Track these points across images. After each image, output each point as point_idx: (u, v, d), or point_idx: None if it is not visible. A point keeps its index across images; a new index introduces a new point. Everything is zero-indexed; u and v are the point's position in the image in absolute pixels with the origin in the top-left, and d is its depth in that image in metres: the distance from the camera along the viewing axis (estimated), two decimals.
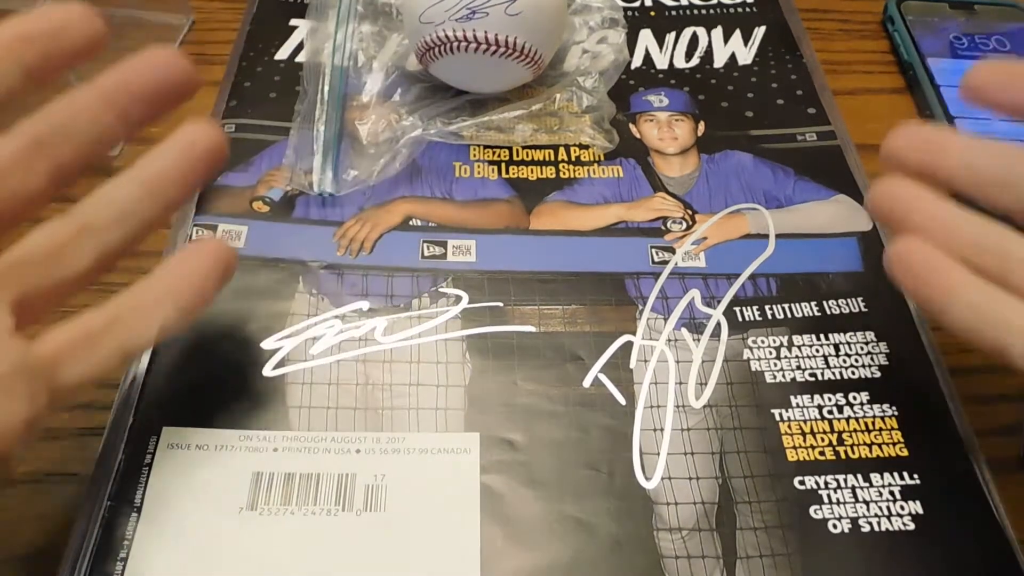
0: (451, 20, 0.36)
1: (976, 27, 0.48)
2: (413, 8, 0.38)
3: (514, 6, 0.36)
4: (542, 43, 0.38)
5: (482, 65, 0.38)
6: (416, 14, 0.38)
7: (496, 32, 0.36)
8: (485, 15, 0.36)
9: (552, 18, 0.39)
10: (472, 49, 0.37)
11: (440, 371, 0.33)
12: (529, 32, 0.37)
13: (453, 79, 0.41)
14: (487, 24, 0.36)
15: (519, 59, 0.38)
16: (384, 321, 0.34)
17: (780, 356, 0.34)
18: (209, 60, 0.47)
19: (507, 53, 0.37)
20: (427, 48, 0.38)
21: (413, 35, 0.39)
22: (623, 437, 0.31)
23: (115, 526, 0.28)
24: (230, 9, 0.50)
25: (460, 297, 0.35)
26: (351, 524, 0.28)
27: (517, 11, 0.36)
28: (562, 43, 0.43)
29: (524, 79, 0.40)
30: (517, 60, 0.38)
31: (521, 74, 0.39)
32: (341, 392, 0.32)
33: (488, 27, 0.36)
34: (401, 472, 0.30)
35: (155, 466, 0.29)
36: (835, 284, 0.36)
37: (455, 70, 0.40)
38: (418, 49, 0.39)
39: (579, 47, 0.45)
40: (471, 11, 0.36)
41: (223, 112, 0.43)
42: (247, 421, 0.31)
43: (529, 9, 0.36)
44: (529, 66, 0.39)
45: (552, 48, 0.40)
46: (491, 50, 0.37)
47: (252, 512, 0.28)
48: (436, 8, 0.37)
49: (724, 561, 0.28)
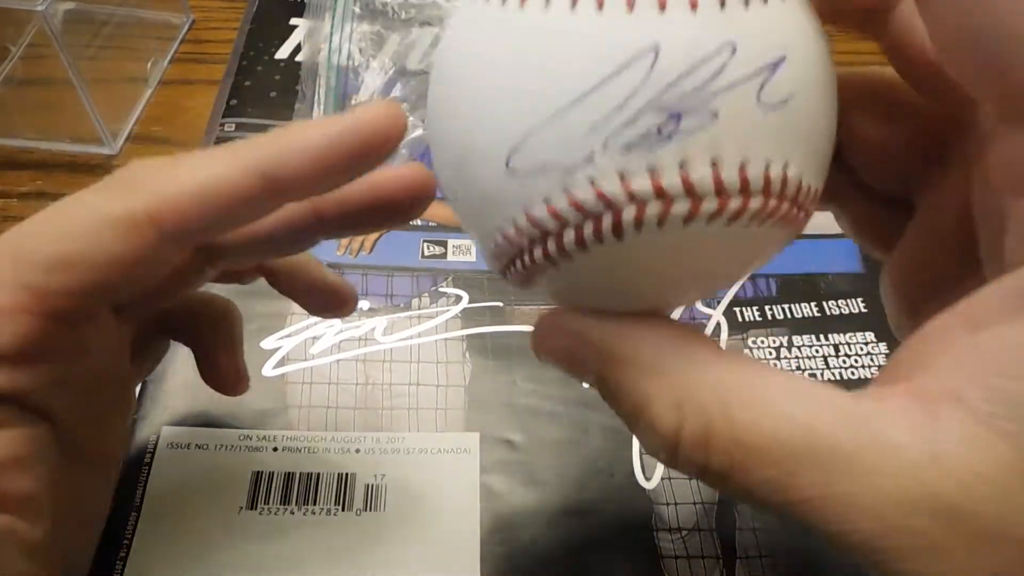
0: (611, 153, 0.14)
1: None
2: (479, 144, 0.15)
3: (776, 82, 0.14)
4: (819, 163, 0.16)
5: (691, 249, 0.15)
6: (494, 157, 0.15)
7: (738, 160, 0.14)
8: (709, 118, 0.14)
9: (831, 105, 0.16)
10: (681, 218, 0.14)
11: (440, 371, 0.33)
12: (803, 143, 0.15)
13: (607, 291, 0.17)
14: (714, 142, 0.14)
15: (782, 217, 0.15)
16: (384, 321, 0.34)
17: (780, 356, 0.34)
18: (209, 60, 0.47)
19: (764, 211, 0.15)
20: (532, 242, 0.15)
21: (493, 212, 0.16)
22: (623, 437, 0.31)
23: (115, 526, 0.28)
24: (230, 9, 0.50)
25: (460, 297, 0.35)
26: (351, 524, 0.28)
27: (784, 95, 0.14)
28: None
29: (772, 253, 0.17)
30: (777, 220, 0.15)
31: (773, 243, 0.17)
32: (341, 392, 0.32)
33: (718, 150, 0.14)
34: (401, 472, 0.30)
35: (155, 466, 0.29)
36: (835, 285, 0.36)
37: (616, 272, 0.16)
38: (502, 247, 0.16)
39: None
40: (671, 115, 0.14)
41: (223, 112, 0.43)
42: (247, 421, 0.31)
43: (805, 87, 0.15)
44: (794, 225, 0.16)
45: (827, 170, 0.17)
46: (728, 211, 0.14)
47: (252, 512, 0.28)
48: (559, 129, 0.14)
49: (724, 561, 0.28)
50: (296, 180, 0.19)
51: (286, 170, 0.19)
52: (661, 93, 0.13)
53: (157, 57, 0.47)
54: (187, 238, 0.20)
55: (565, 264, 0.15)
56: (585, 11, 0.14)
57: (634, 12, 0.13)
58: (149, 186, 0.19)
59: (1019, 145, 0.14)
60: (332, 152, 0.19)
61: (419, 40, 0.46)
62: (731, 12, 0.14)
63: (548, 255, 0.15)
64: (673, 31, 0.13)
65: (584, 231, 0.14)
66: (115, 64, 0.46)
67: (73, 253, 0.19)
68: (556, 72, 0.14)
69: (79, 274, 0.19)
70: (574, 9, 0.14)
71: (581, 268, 0.15)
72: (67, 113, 0.41)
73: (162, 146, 0.43)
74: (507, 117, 0.14)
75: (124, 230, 0.19)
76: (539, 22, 0.14)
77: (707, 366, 0.16)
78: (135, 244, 0.19)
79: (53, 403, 0.20)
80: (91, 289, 0.19)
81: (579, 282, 0.16)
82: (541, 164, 0.14)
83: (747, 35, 0.14)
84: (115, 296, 0.20)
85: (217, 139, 0.41)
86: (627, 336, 0.17)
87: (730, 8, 0.14)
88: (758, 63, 0.14)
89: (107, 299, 0.20)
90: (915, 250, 0.20)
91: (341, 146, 0.19)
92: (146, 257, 0.19)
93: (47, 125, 0.42)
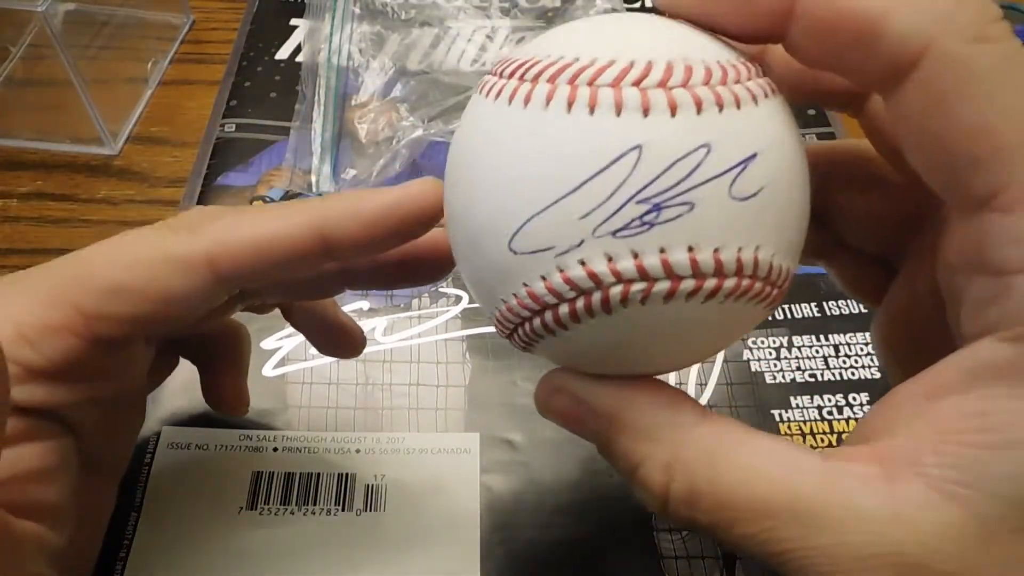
0: (599, 238, 0.15)
1: None
2: (487, 226, 0.17)
3: (747, 178, 0.16)
4: (790, 246, 0.17)
5: (673, 323, 0.17)
6: (499, 238, 0.16)
7: (712, 246, 0.16)
8: (686, 209, 0.15)
9: (802, 195, 0.17)
10: (660, 297, 0.16)
11: (440, 371, 0.33)
12: (773, 230, 0.17)
13: (600, 358, 0.18)
14: (690, 230, 0.15)
15: (755, 295, 0.17)
16: (384, 321, 0.34)
17: (780, 357, 0.34)
18: (209, 60, 0.47)
19: (738, 290, 0.16)
20: (532, 312, 0.17)
21: (498, 285, 0.17)
22: None
23: (115, 526, 0.28)
24: (230, 9, 0.50)
25: (460, 297, 0.35)
26: (351, 524, 0.28)
27: (754, 188, 0.16)
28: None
29: (750, 325, 0.19)
30: (751, 298, 0.17)
31: (750, 317, 0.18)
32: (341, 392, 0.32)
33: (694, 237, 0.16)
34: (401, 472, 0.30)
35: (155, 466, 0.29)
36: (835, 285, 0.36)
37: (606, 341, 0.17)
38: (506, 315, 0.18)
39: None
40: (653, 206, 0.15)
41: (223, 112, 0.43)
42: (247, 421, 0.31)
43: (775, 180, 0.16)
44: (768, 301, 0.17)
45: (799, 251, 0.18)
46: (704, 290, 0.16)
47: (252, 512, 0.28)
48: (555, 216, 0.16)
49: (724, 561, 0.28)
50: (348, 242, 0.20)
51: (340, 232, 0.20)
52: (643, 187, 0.15)
53: (157, 58, 0.47)
54: (238, 284, 0.21)
55: (561, 334, 0.17)
56: (578, 114, 0.15)
57: (621, 116, 0.15)
58: (211, 231, 0.20)
59: (968, 231, 0.15)
60: (383, 220, 0.20)
61: (419, 40, 0.46)
62: (707, 116, 0.15)
63: (546, 325, 0.17)
64: (655, 133, 0.15)
65: (577, 305, 0.16)
66: (115, 64, 0.46)
67: (129, 283, 0.20)
68: (553, 167, 0.16)
69: (131, 305, 0.20)
70: (569, 112, 0.15)
71: (576, 338, 0.17)
72: (67, 113, 0.41)
73: (162, 146, 0.43)
74: (510, 204, 0.16)
75: (182, 269, 0.20)
76: (539, 121, 0.16)
77: (695, 429, 0.17)
78: (189, 284, 0.20)
79: (81, 418, 0.21)
80: (139, 320, 0.20)
81: (575, 350, 0.18)
82: (539, 246, 0.16)
83: (720, 136, 0.15)
84: (157, 329, 0.21)
85: (217, 139, 0.41)
86: (623, 402, 0.18)
87: (706, 113, 0.15)
88: (730, 161, 0.15)
89: (150, 331, 0.21)
90: (898, 309, 0.21)
91: (392, 216, 0.20)
92: (197, 297, 0.20)
93: (47, 125, 0.42)
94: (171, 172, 0.41)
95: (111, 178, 0.41)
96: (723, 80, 0.16)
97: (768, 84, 0.17)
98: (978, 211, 0.15)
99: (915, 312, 0.20)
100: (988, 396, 0.15)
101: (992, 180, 0.14)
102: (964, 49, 0.14)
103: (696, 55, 0.16)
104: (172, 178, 0.41)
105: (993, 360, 0.15)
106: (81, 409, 0.21)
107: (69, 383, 0.20)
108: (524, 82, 0.16)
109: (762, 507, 0.16)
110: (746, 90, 0.16)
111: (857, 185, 0.21)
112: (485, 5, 0.49)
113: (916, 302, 0.20)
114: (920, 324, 0.19)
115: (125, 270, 0.20)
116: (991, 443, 0.14)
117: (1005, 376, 0.14)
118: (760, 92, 0.16)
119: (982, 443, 0.14)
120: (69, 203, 0.40)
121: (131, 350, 0.21)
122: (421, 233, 0.21)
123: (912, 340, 0.20)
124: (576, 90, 0.15)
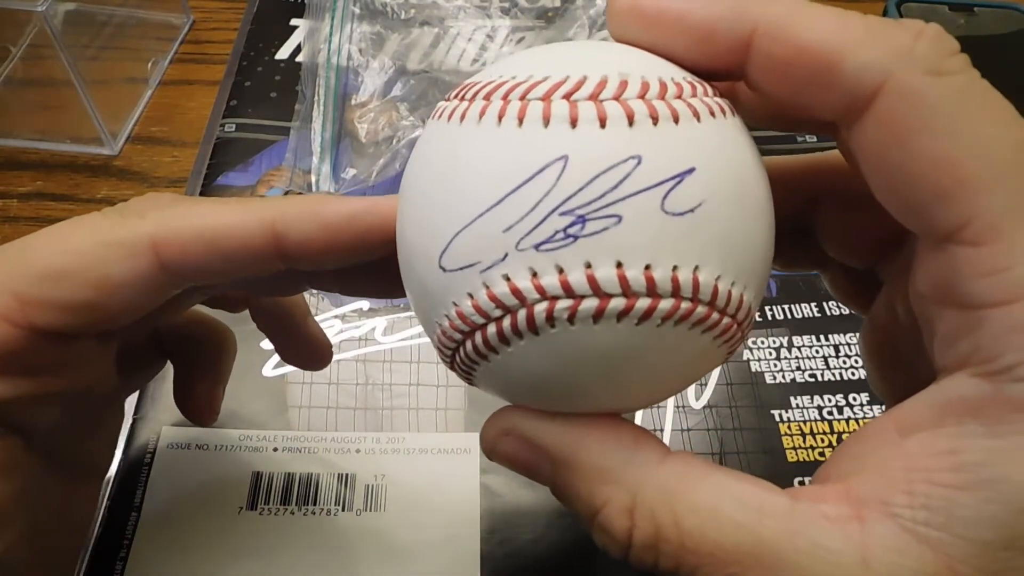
0: (523, 252, 0.15)
1: (976, 29, 0.48)
2: (421, 245, 0.17)
3: (683, 192, 0.15)
4: (741, 270, 0.16)
5: (610, 348, 0.15)
6: (431, 256, 0.16)
7: (643, 262, 0.15)
8: (612, 222, 0.15)
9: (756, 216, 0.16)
10: (589, 316, 0.15)
11: (440, 371, 0.33)
12: (716, 248, 0.15)
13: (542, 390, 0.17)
14: (618, 244, 0.15)
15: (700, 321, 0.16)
16: (384, 321, 0.34)
17: (780, 357, 0.34)
18: (209, 60, 0.47)
19: (675, 313, 0.15)
20: (463, 334, 0.16)
21: (433, 305, 0.17)
22: None
23: (115, 526, 0.28)
24: (230, 9, 0.50)
25: None
26: (351, 524, 0.28)
27: (691, 204, 0.15)
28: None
29: (706, 362, 0.17)
30: (695, 324, 0.16)
31: (701, 350, 0.16)
32: (341, 392, 0.32)
33: (622, 252, 0.15)
34: (401, 472, 0.30)
35: (155, 466, 0.29)
36: None
37: (542, 369, 0.16)
38: (443, 339, 0.17)
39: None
40: (577, 218, 0.14)
41: (223, 112, 0.43)
42: (247, 421, 0.31)
43: (717, 196, 0.15)
44: (720, 332, 0.16)
45: (764, 283, 0.17)
46: (637, 310, 0.15)
47: (252, 512, 0.28)
48: (480, 229, 0.15)
49: None
50: (304, 244, 0.19)
51: (297, 233, 0.19)
52: (567, 198, 0.14)
53: (157, 57, 0.47)
54: (186, 275, 0.20)
55: (494, 359, 0.16)
56: (508, 127, 0.15)
57: (549, 128, 0.15)
58: (159, 217, 0.19)
59: (937, 262, 0.15)
60: (345, 227, 0.19)
61: (419, 40, 0.46)
62: (638, 129, 0.15)
63: (477, 349, 0.16)
64: (581, 144, 0.15)
65: (503, 324, 0.15)
66: (115, 64, 0.46)
67: (66, 267, 0.19)
68: (480, 180, 0.15)
69: (69, 290, 0.19)
70: (500, 125, 0.15)
71: (510, 363, 0.16)
72: (67, 113, 0.41)
73: (162, 146, 0.43)
74: (439, 221, 0.16)
75: (124, 254, 0.19)
76: (470, 136, 0.16)
77: (656, 469, 0.16)
78: (131, 269, 0.19)
79: (30, 417, 0.20)
80: (79, 307, 0.19)
81: (514, 379, 0.17)
82: (465, 262, 0.15)
83: (653, 149, 0.15)
84: (102, 320, 0.20)
85: (217, 139, 0.41)
86: (578, 441, 0.17)
87: (638, 126, 0.15)
88: (663, 174, 0.15)
89: (94, 321, 0.19)
90: (880, 323, 0.21)
91: (353, 226, 0.19)
92: (141, 285, 0.19)
93: (47, 125, 0.42)
94: (171, 172, 0.41)
95: (111, 178, 0.41)
96: (661, 95, 0.15)
97: (719, 103, 0.16)
98: (946, 243, 0.14)
99: (897, 327, 0.19)
100: (959, 434, 0.14)
101: (958, 213, 0.14)
102: (922, 82, 0.14)
103: (637, 71, 0.16)
104: (172, 178, 0.41)
105: (965, 396, 0.14)
106: (27, 406, 0.19)
107: (8, 377, 0.19)
108: (463, 101, 0.16)
109: (725, 553, 0.15)
110: (687, 106, 0.15)
111: (840, 201, 0.20)
112: (485, 5, 0.49)
113: (897, 319, 0.19)
114: (902, 339, 0.19)
115: (63, 255, 0.19)
116: (962, 483, 0.14)
117: (977, 413, 0.14)
118: (705, 109, 0.16)
119: (953, 483, 0.14)
120: (69, 203, 0.40)
121: (81, 344, 0.20)
122: (382, 253, 0.20)
123: (894, 353, 0.20)
124: (508, 104, 0.15)
